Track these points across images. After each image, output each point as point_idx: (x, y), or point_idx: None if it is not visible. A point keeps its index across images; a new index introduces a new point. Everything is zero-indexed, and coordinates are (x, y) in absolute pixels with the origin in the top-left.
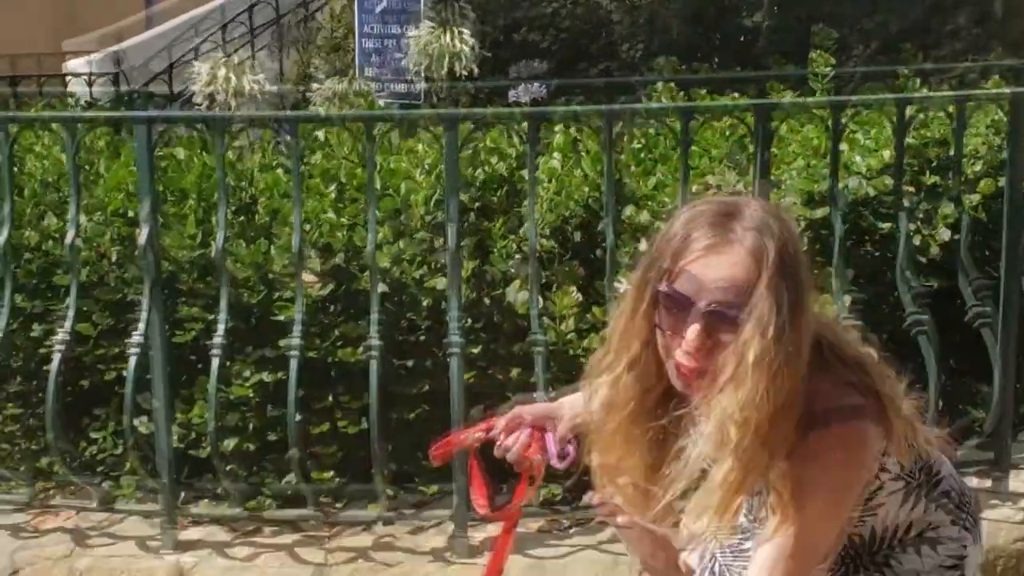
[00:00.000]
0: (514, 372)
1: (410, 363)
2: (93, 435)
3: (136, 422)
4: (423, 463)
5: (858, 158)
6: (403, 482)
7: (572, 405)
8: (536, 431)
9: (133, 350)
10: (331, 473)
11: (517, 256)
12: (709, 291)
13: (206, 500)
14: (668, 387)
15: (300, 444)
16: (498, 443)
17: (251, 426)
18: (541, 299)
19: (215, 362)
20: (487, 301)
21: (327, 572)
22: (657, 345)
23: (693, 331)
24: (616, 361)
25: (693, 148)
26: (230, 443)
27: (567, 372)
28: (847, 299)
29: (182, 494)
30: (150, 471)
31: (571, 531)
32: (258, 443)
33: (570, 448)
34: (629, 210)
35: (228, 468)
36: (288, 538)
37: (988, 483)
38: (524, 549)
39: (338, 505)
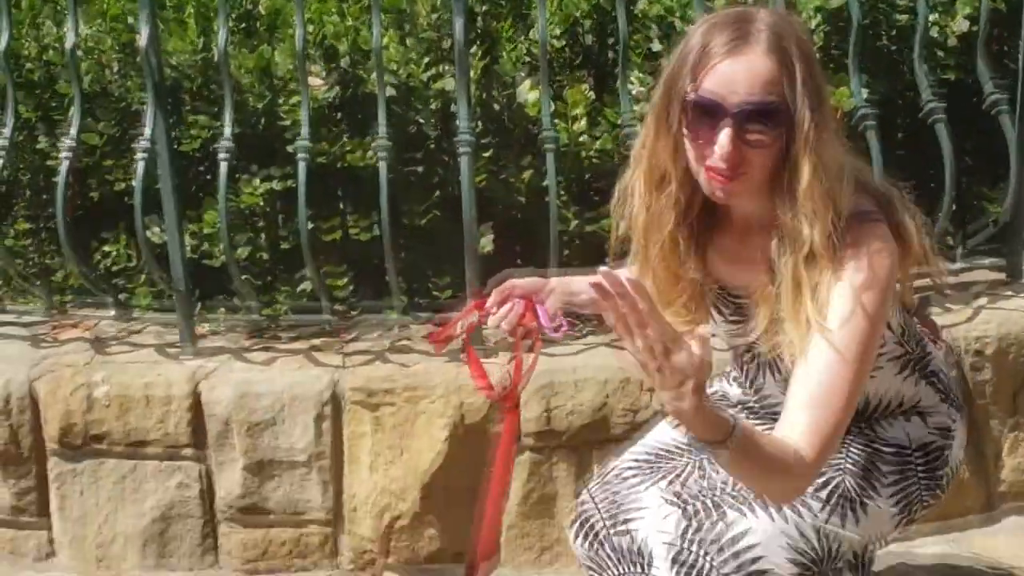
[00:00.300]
0: (526, 175)
1: (420, 169)
2: (106, 248)
3: (148, 233)
4: (436, 267)
5: None
6: (417, 283)
7: (562, 281)
8: (528, 302)
9: (140, 155)
10: (344, 280)
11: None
12: (737, 91)
13: (222, 309)
14: (701, 208)
15: (312, 250)
16: (492, 314)
17: (263, 235)
18: (552, 102)
19: (223, 166)
20: (496, 107)
21: (344, 375)
22: (686, 161)
23: (726, 134)
24: (646, 183)
25: None
26: (243, 252)
27: (579, 174)
28: (864, 92)
29: (198, 303)
30: (165, 280)
31: (585, 331)
32: (270, 252)
33: (562, 319)
34: (642, 3)
35: (243, 277)
36: (304, 343)
37: (1003, 274)
38: (538, 348)
39: (353, 311)
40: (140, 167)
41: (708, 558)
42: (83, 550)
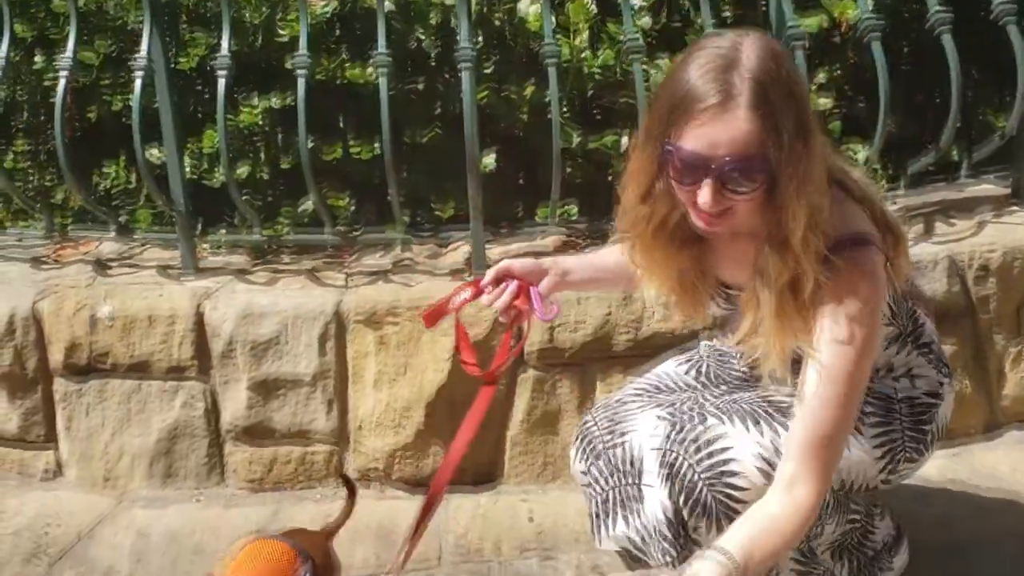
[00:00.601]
0: (528, 90)
1: (421, 86)
2: (105, 170)
3: (147, 155)
4: (438, 187)
5: None
6: (419, 204)
7: (556, 263)
8: (523, 285)
9: (138, 72)
10: (346, 200)
11: None
12: (718, 150)
13: (223, 230)
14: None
15: (312, 171)
16: (486, 294)
17: (262, 154)
18: (554, 17)
19: (221, 83)
20: (497, 22)
21: (347, 295)
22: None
23: (706, 189)
24: (634, 197)
25: None
26: (242, 172)
27: (581, 90)
28: (870, 2)
29: (199, 224)
30: (165, 201)
31: (587, 250)
32: (271, 171)
33: (555, 304)
34: None
35: (244, 197)
36: (307, 263)
37: (1007, 190)
38: None
39: (355, 232)
40: (138, 85)
41: (687, 456)
42: (90, 469)
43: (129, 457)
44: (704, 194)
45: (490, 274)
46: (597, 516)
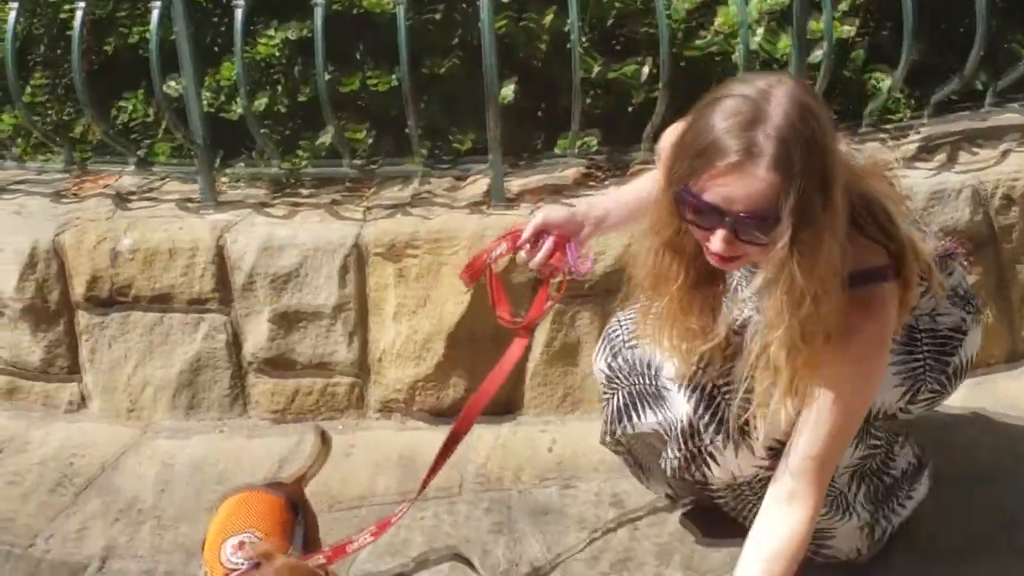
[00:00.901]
0: (547, 19)
1: (439, 15)
2: (123, 104)
3: (165, 88)
4: (457, 119)
5: None
6: (437, 137)
7: (592, 211)
8: (560, 240)
9: (154, 4)
10: (364, 133)
11: None
12: (734, 205)
13: (242, 163)
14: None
15: (331, 103)
16: (523, 251)
17: (280, 86)
18: None
19: (238, 13)
20: None
21: (366, 227)
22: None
23: (720, 235)
24: (655, 236)
25: None
26: (260, 104)
27: (601, 19)
28: None
29: (218, 157)
30: (184, 134)
31: (607, 182)
32: (289, 103)
33: (589, 259)
34: None
35: (262, 129)
36: (326, 196)
37: None
38: (560, 199)
39: (374, 165)
40: (155, 17)
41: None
42: (114, 401)
43: (152, 389)
44: (716, 241)
45: (528, 231)
46: (618, 411)
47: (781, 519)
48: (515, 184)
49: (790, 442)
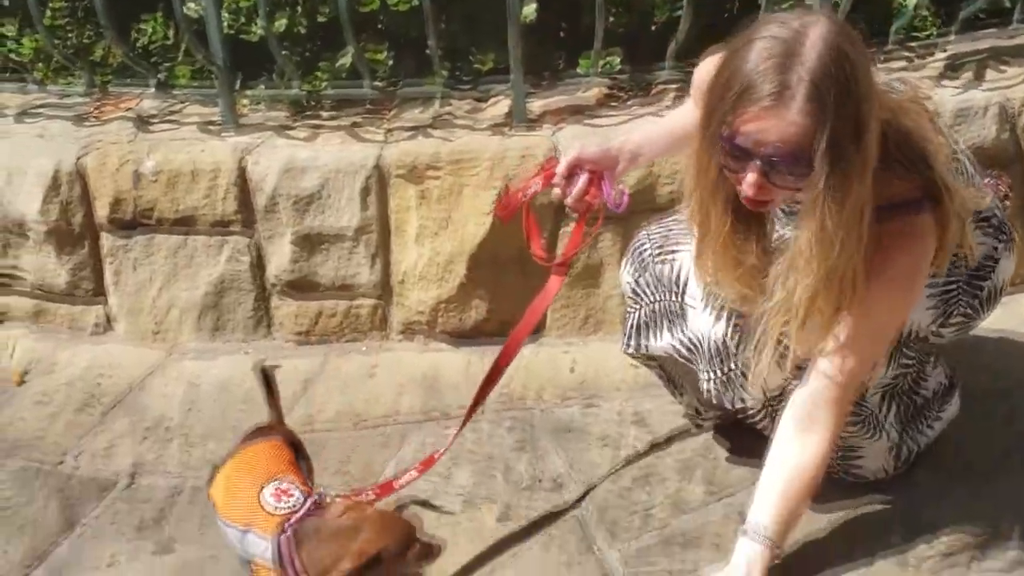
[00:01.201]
0: None
1: None
2: (143, 26)
3: (184, 9)
4: (478, 39)
5: None
6: (458, 57)
7: (628, 145)
8: (594, 175)
9: None
10: (384, 53)
11: None
12: (766, 145)
13: (262, 86)
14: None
15: (351, 22)
16: (558, 188)
17: (300, 7)
18: None
19: None
20: None
21: (387, 149)
22: None
23: (752, 177)
24: (696, 189)
25: None
26: (280, 24)
27: None
28: None
29: (239, 79)
30: (204, 56)
31: (629, 102)
32: (308, 24)
33: (625, 194)
34: None
35: (282, 51)
36: (346, 119)
37: None
38: (582, 120)
39: (394, 87)
40: None
41: None
42: (139, 323)
43: (177, 311)
44: (747, 184)
45: (562, 166)
46: (638, 328)
47: (800, 446)
48: (537, 105)
49: (810, 367)
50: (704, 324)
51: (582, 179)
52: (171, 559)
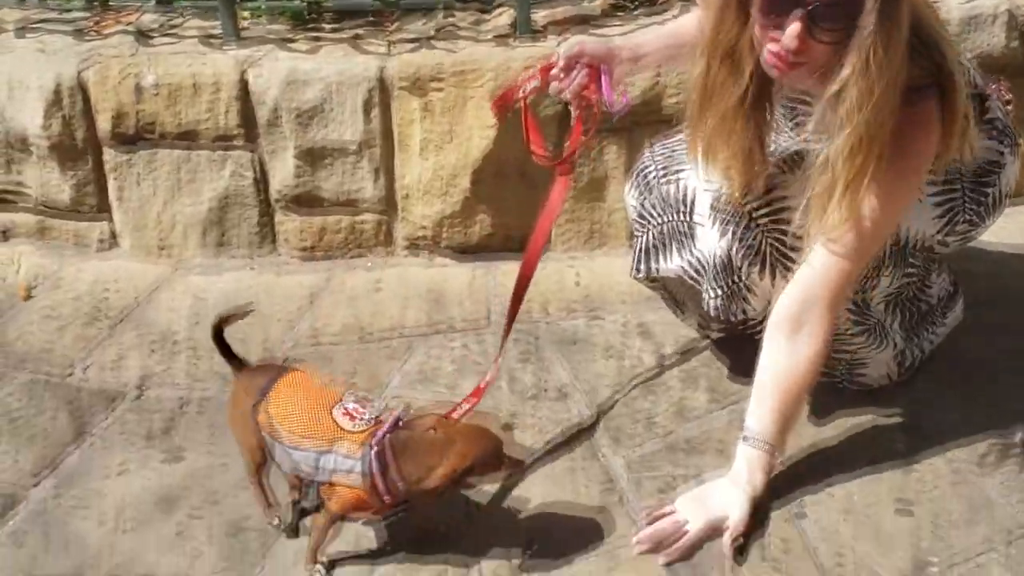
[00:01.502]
0: None
1: None
2: None
3: None
4: None
5: None
6: None
7: (629, 45)
8: (593, 71)
9: None
10: None
11: None
12: None
13: None
14: (760, 82)
15: None
16: (555, 82)
17: None
18: None
19: None
20: None
21: (390, 61)
22: (752, 36)
23: (794, 27)
24: (711, 51)
25: None
26: None
27: None
28: None
29: None
30: None
31: (636, 12)
32: None
33: (625, 95)
34: None
35: None
36: (348, 31)
37: None
38: (587, 30)
39: None
40: None
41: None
42: (144, 238)
43: (182, 226)
44: (790, 33)
45: (562, 59)
46: (646, 251)
47: (790, 350)
48: (541, 15)
49: (800, 269)
50: (711, 240)
51: (581, 73)
52: (180, 467)
